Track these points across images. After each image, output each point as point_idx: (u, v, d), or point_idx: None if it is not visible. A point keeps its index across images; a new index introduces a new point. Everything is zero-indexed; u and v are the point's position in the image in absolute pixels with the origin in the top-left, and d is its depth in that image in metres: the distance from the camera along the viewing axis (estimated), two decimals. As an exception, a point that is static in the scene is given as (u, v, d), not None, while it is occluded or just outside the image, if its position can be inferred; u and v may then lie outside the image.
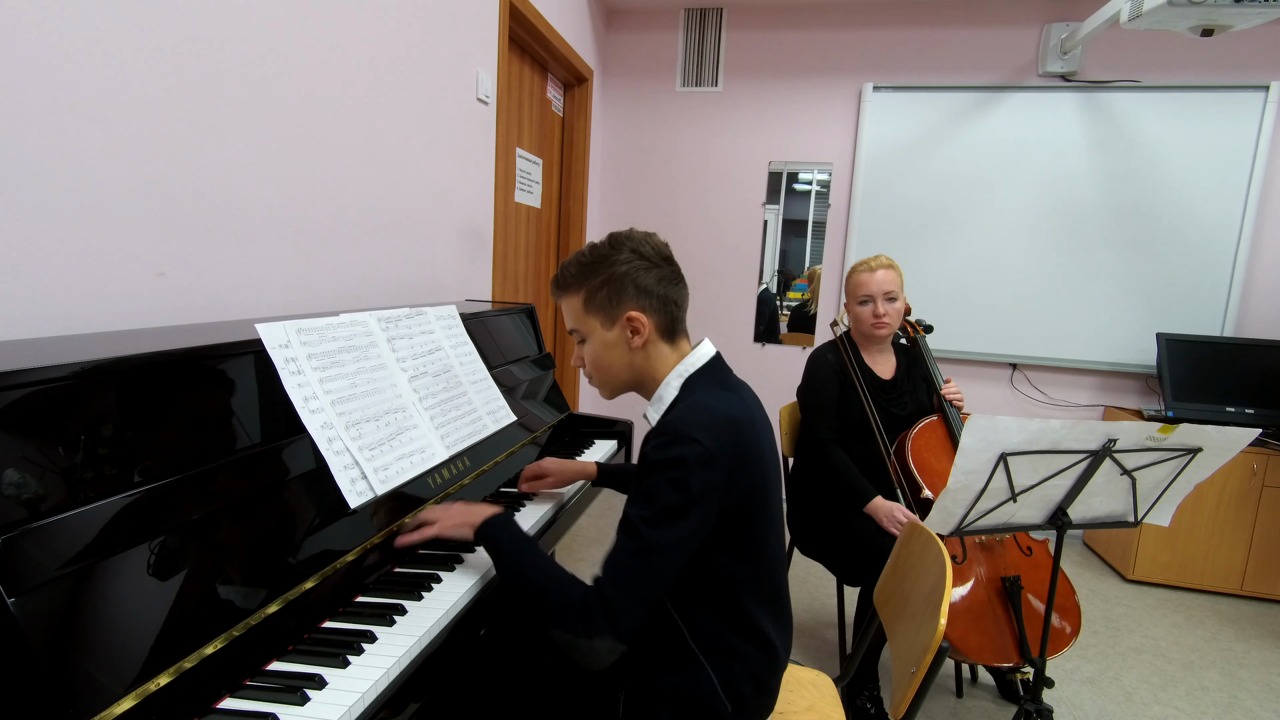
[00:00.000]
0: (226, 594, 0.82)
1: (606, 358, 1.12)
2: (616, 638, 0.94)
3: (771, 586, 1.10)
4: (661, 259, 1.10)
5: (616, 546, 0.97)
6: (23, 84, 0.95)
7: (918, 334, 2.09)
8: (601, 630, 0.93)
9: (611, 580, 0.95)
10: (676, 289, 1.11)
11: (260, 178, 1.38)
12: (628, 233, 1.11)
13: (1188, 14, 2.24)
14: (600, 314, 1.10)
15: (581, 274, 1.10)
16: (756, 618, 1.06)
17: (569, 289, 1.12)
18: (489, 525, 1.08)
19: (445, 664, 0.96)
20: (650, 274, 1.08)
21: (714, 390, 1.07)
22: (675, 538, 0.95)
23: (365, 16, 1.65)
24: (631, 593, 0.94)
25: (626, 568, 0.95)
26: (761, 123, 3.48)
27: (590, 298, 1.10)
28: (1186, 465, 1.40)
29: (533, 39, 2.70)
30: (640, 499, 0.97)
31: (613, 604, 0.93)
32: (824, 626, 2.43)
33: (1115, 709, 2.04)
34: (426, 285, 2.05)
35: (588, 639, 0.93)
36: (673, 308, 1.10)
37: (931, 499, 1.78)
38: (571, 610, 0.94)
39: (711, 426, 0.97)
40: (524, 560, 1.02)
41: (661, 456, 0.96)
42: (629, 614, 0.94)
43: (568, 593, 0.96)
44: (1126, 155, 3.11)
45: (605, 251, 1.09)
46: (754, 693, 1.08)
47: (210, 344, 0.93)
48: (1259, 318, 3.11)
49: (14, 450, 0.67)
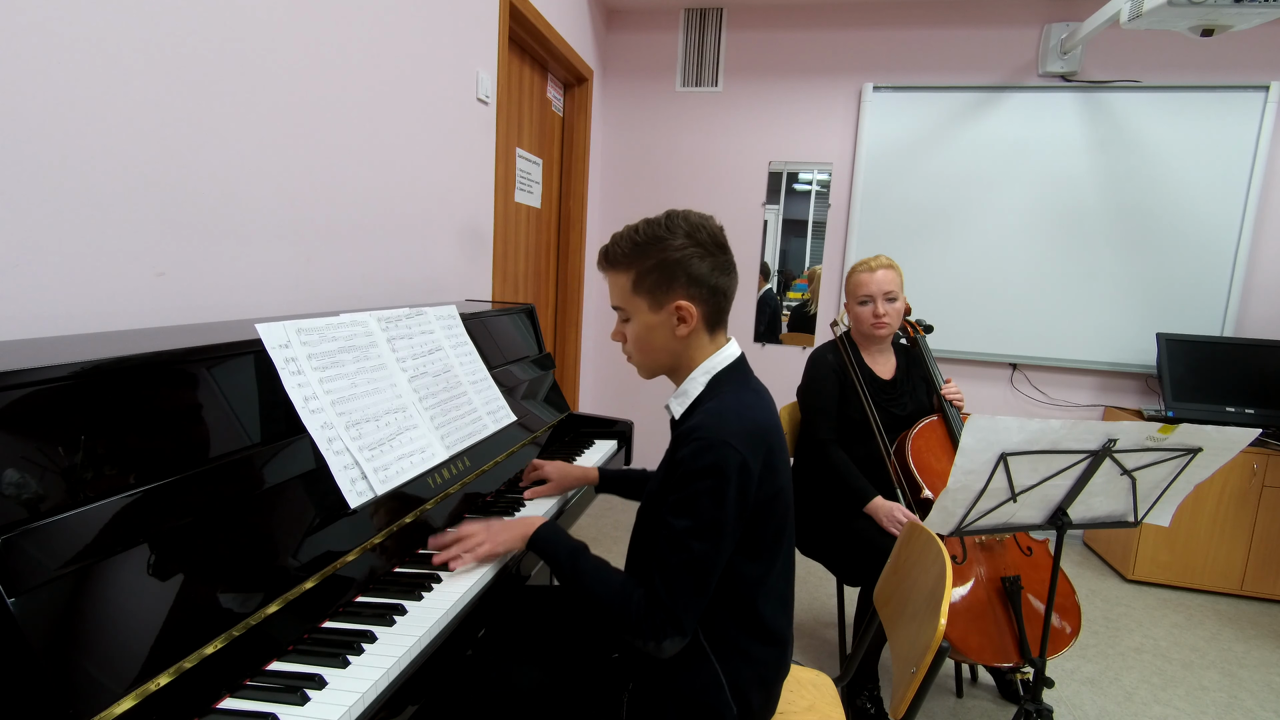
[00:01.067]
0: (226, 594, 0.82)
1: (649, 340, 1.10)
2: (682, 636, 0.99)
3: (784, 589, 1.12)
4: (716, 246, 1.06)
5: (665, 559, 0.99)
6: (23, 84, 0.95)
7: (918, 334, 2.09)
8: (669, 634, 0.97)
9: (669, 593, 0.97)
10: (728, 279, 1.08)
11: (260, 178, 1.38)
12: (685, 213, 1.07)
13: (1188, 14, 2.24)
14: (648, 296, 1.07)
15: (633, 253, 1.06)
16: (770, 619, 1.08)
17: (618, 266, 1.09)
18: (541, 534, 1.11)
19: (445, 664, 0.96)
20: (704, 262, 1.04)
21: (742, 392, 1.06)
22: (720, 547, 0.98)
23: (365, 16, 1.65)
24: (689, 599, 0.98)
25: (681, 581, 0.98)
26: (761, 123, 3.48)
27: (640, 279, 1.06)
28: (1186, 465, 1.40)
29: (533, 39, 2.70)
30: (681, 510, 0.99)
31: (676, 613, 0.97)
32: (824, 626, 2.43)
33: (1115, 709, 2.04)
34: (426, 285, 2.05)
35: (657, 642, 0.98)
36: (721, 299, 1.08)
37: (931, 499, 1.78)
38: (639, 620, 0.98)
39: (746, 434, 0.98)
40: (581, 571, 1.06)
41: (700, 464, 0.97)
42: (690, 614, 0.98)
43: (629, 603, 0.99)
44: (1126, 155, 3.11)
45: (660, 233, 1.05)
46: (760, 697, 1.08)
47: (210, 344, 0.93)
48: (1259, 318, 3.11)
49: (14, 450, 0.67)
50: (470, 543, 1.11)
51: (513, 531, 1.13)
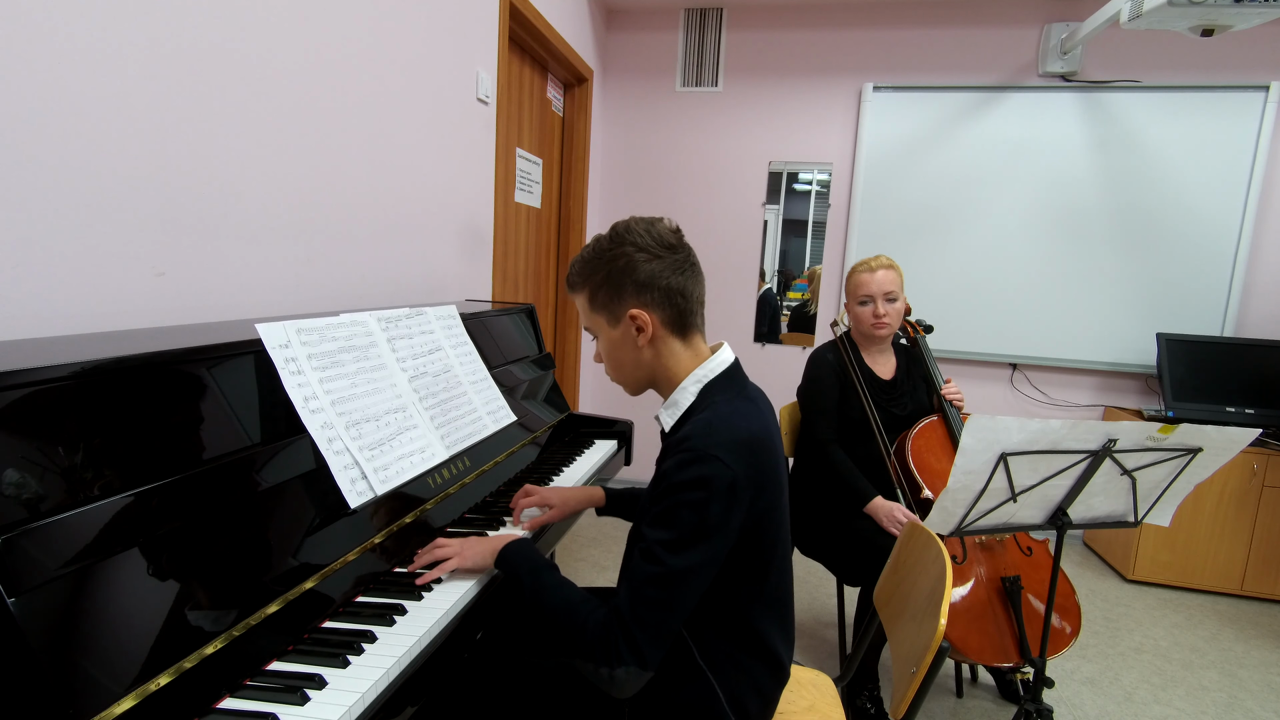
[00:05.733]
0: (226, 594, 0.82)
1: (617, 356, 1.08)
2: (640, 666, 0.90)
3: (779, 601, 1.08)
4: (664, 247, 1.03)
5: (635, 572, 0.93)
6: (23, 84, 0.95)
7: (918, 334, 2.09)
8: (624, 660, 0.89)
9: (632, 609, 0.91)
10: (682, 277, 1.03)
11: (260, 177, 1.38)
12: (628, 224, 1.05)
13: (1188, 14, 2.24)
14: (605, 312, 1.05)
15: (584, 272, 1.06)
16: (765, 634, 1.05)
17: (575, 288, 1.09)
18: (508, 552, 1.06)
19: (445, 665, 0.96)
20: (649, 265, 1.01)
21: (734, 401, 1.01)
22: (696, 562, 0.91)
23: (365, 16, 1.65)
24: (653, 621, 0.90)
25: (647, 596, 0.91)
26: (761, 123, 3.48)
27: (594, 296, 1.06)
28: (1186, 465, 1.40)
29: (533, 39, 2.70)
30: (659, 521, 0.93)
31: (635, 633, 0.89)
32: (824, 626, 2.43)
33: (1115, 709, 2.04)
34: (426, 285, 2.05)
35: (609, 669, 0.90)
36: (678, 299, 1.03)
37: (931, 499, 1.78)
38: (592, 640, 0.91)
39: (734, 446, 0.93)
40: (542, 588, 0.99)
41: (683, 477, 0.91)
42: (652, 643, 0.90)
43: (587, 621, 0.93)
44: (1126, 155, 3.11)
45: (604, 247, 1.04)
46: (758, 706, 1.07)
47: (210, 344, 0.93)
48: (1259, 318, 3.11)
49: (14, 450, 0.67)
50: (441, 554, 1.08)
51: (484, 547, 1.09)
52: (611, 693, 0.93)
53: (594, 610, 0.95)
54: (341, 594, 0.98)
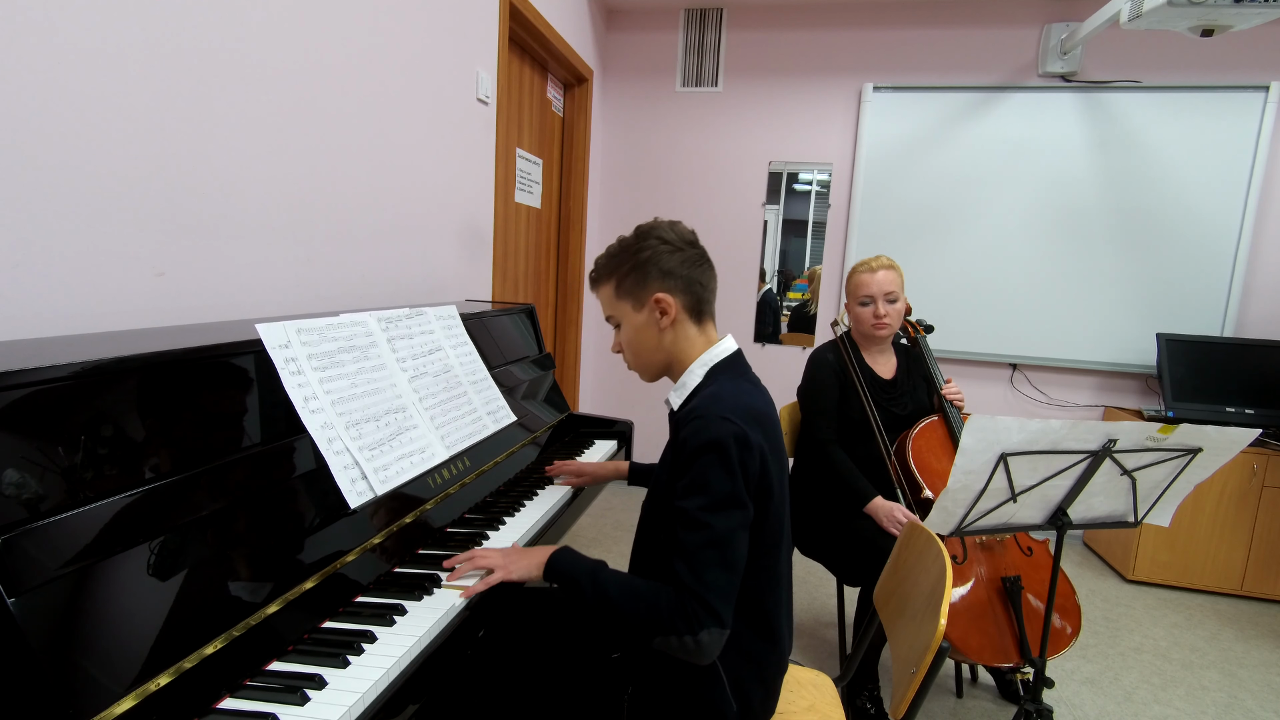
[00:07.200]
0: (226, 594, 0.82)
1: (639, 340, 1.17)
2: (720, 626, 0.96)
3: (784, 581, 1.13)
4: (685, 243, 1.16)
5: (685, 543, 0.98)
6: (23, 84, 0.95)
7: (918, 334, 2.09)
8: (704, 623, 0.95)
9: (695, 576, 0.96)
10: (701, 270, 1.15)
11: (260, 177, 1.38)
12: (652, 223, 1.18)
13: (1188, 14, 2.24)
14: (630, 298, 1.16)
15: (610, 264, 1.18)
16: (773, 616, 1.09)
17: (601, 280, 1.19)
18: (557, 562, 1.08)
19: (445, 665, 0.96)
20: (674, 257, 1.13)
21: (738, 380, 1.11)
22: (737, 521, 0.98)
23: (365, 16, 1.65)
24: (718, 582, 0.96)
25: (705, 559, 0.96)
26: (761, 123, 3.48)
27: (620, 284, 1.16)
28: (1186, 465, 1.40)
29: (533, 39, 2.70)
30: (691, 490, 0.99)
31: (706, 596, 0.95)
32: (824, 626, 2.43)
33: (1115, 709, 2.04)
34: (427, 285, 2.05)
35: (694, 636, 0.95)
36: (698, 288, 1.15)
37: (931, 499, 1.78)
38: (670, 616, 0.96)
39: (741, 411, 1.01)
40: (605, 585, 1.03)
41: (701, 440, 0.99)
42: (724, 600, 0.96)
43: (659, 600, 0.98)
44: (1126, 155, 3.11)
45: (630, 242, 1.16)
46: (760, 695, 1.09)
47: (210, 344, 0.93)
48: (1259, 318, 3.11)
49: (14, 450, 0.67)
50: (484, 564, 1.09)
51: (529, 560, 1.11)
52: (698, 660, 0.98)
53: (660, 590, 0.99)
54: (341, 594, 0.98)
